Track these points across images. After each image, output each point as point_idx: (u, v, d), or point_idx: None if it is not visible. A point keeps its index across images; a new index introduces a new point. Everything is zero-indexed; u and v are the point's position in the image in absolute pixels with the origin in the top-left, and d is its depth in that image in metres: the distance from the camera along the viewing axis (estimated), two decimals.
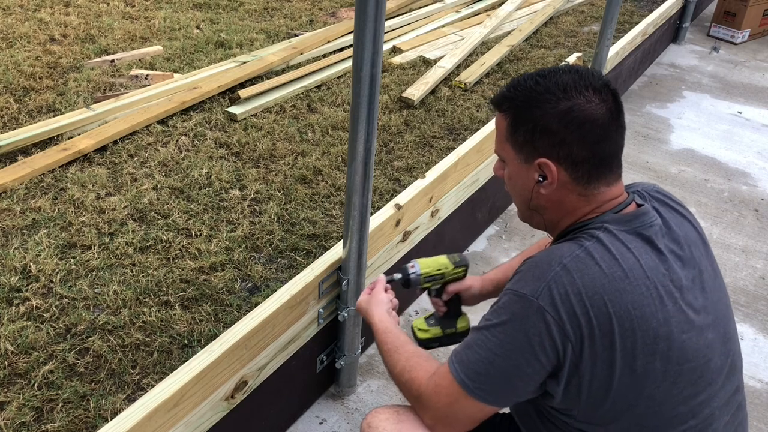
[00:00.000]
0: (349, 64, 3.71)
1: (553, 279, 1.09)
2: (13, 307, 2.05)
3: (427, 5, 4.80)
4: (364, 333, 2.02)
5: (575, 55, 3.26)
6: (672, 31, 4.84)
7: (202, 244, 2.35)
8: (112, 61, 3.63)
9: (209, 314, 2.08)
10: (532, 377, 1.12)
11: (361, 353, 2.15)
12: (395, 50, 4.09)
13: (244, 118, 3.20)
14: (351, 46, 3.16)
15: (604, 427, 1.15)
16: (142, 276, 2.19)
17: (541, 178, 1.20)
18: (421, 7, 4.75)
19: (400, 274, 1.55)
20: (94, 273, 2.20)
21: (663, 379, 1.10)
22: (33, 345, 1.93)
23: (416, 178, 2.28)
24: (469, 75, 3.74)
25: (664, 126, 3.80)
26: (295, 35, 4.14)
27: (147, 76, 3.50)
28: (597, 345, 1.08)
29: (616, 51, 3.63)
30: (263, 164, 2.86)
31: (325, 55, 3.93)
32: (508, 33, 4.42)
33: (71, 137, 2.92)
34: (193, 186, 2.67)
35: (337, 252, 1.82)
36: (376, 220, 1.97)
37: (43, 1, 4.37)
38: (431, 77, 3.64)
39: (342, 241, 1.77)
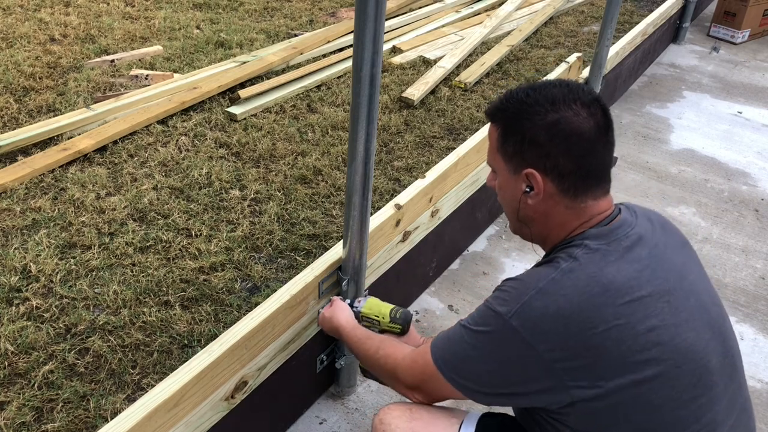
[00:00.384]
0: (349, 64, 3.71)
1: (527, 302, 1.13)
2: (13, 307, 2.05)
3: (427, 5, 4.80)
4: None
5: (575, 55, 3.26)
6: (672, 31, 4.84)
7: (202, 244, 2.35)
8: (112, 61, 3.63)
9: (209, 314, 2.09)
10: (500, 385, 1.17)
11: None
12: (395, 50, 4.10)
13: (244, 118, 3.20)
14: (351, 46, 3.15)
15: None
16: (142, 276, 2.19)
17: (528, 189, 1.23)
18: (421, 7, 4.75)
19: (351, 300, 1.73)
20: (94, 273, 2.20)
21: (660, 384, 1.10)
22: (33, 345, 1.93)
23: (416, 178, 2.28)
24: (469, 75, 3.74)
25: (664, 126, 3.80)
26: (295, 35, 4.14)
27: (147, 76, 3.50)
28: (580, 361, 1.09)
29: (616, 51, 3.63)
30: (263, 164, 2.86)
31: (325, 55, 3.93)
32: (508, 33, 4.43)
33: (71, 137, 2.92)
34: (193, 186, 2.67)
35: (337, 252, 1.82)
36: (376, 220, 1.97)
37: (43, 1, 4.37)
38: (431, 77, 3.64)
39: (342, 241, 1.77)
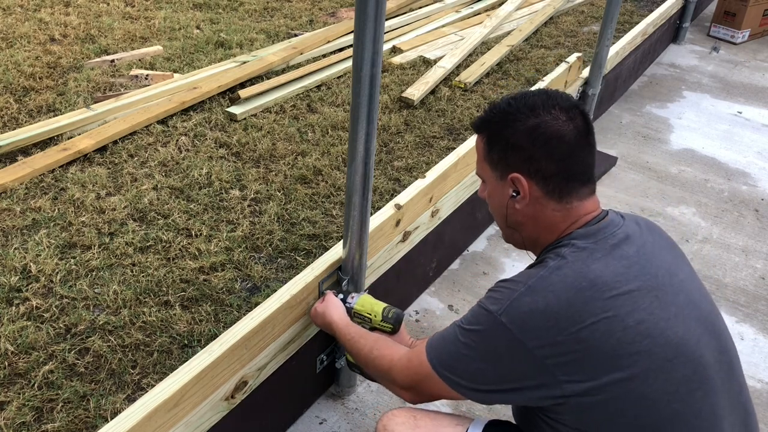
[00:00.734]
0: (349, 64, 3.71)
1: (517, 299, 1.16)
2: (13, 307, 2.05)
3: (427, 5, 4.80)
4: None
5: (575, 55, 3.26)
6: (672, 31, 4.84)
7: (202, 244, 2.35)
8: (112, 61, 3.63)
9: (209, 314, 2.09)
10: (493, 382, 1.19)
11: None
12: (395, 50, 4.09)
13: (244, 118, 3.20)
14: (351, 46, 3.15)
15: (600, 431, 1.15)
16: (142, 276, 2.19)
17: (515, 193, 1.28)
18: (421, 7, 4.75)
19: (343, 296, 1.73)
20: (94, 273, 2.20)
21: (653, 377, 1.11)
22: (33, 345, 1.93)
23: (416, 178, 2.28)
24: (469, 75, 3.74)
25: (664, 126, 3.80)
26: (295, 35, 4.14)
27: (147, 76, 3.50)
28: (571, 356, 1.11)
29: (616, 51, 3.63)
30: (263, 164, 2.86)
31: (325, 55, 3.93)
32: (508, 33, 4.43)
33: (71, 137, 2.92)
34: (193, 186, 2.67)
35: (337, 252, 1.82)
36: (376, 220, 1.97)
37: (43, 1, 4.37)
38: (431, 77, 3.64)
39: (342, 241, 1.77)
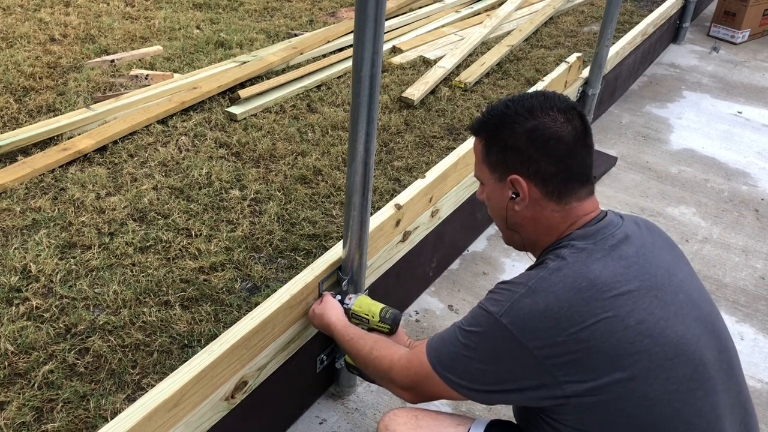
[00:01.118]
0: (349, 64, 3.71)
1: (517, 301, 1.16)
2: (13, 307, 2.05)
3: (427, 5, 4.80)
4: None
5: (575, 55, 3.26)
6: (672, 31, 4.84)
7: (202, 244, 2.35)
8: (112, 61, 3.63)
9: (209, 314, 2.09)
10: (494, 383, 1.19)
11: None
12: (395, 50, 4.09)
13: (244, 118, 3.20)
14: (351, 46, 3.15)
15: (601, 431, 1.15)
16: (142, 276, 2.19)
17: (514, 195, 1.28)
18: (421, 7, 4.75)
19: (341, 297, 1.74)
20: (94, 273, 2.20)
21: (654, 376, 1.11)
22: (33, 345, 1.93)
23: (416, 178, 2.28)
24: (469, 75, 3.74)
25: (664, 126, 3.80)
26: (295, 35, 4.14)
27: (147, 76, 3.50)
28: (571, 356, 1.11)
29: (616, 51, 3.63)
30: (263, 164, 2.86)
31: (325, 55, 3.93)
32: (508, 33, 4.43)
33: (71, 137, 2.92)
34: (193, 186, 2.67)
35: (337, 252, 1.82)
36: (376, 220, 1.97)
37: (43, 1, 4.37)
38: (431, 77, 3.64)
39: (342, 241, 1.77)
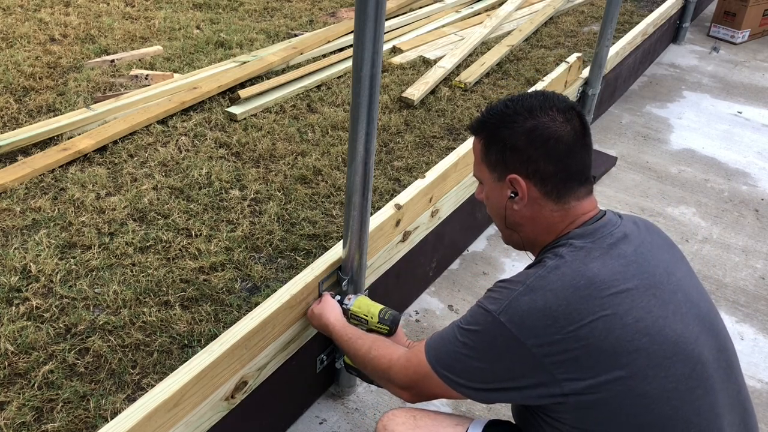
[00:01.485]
0: (349, 64, 3.71)
1: (515, 299, 1.16)
2: (13, 307, 2.05)
3: (427, 5, 4.80)
4: None
5: (575, 55, 3.26)
6: (672, 31, 4.84)
7: (202, 244, 2.35)
8: (112, 61, 3.63)
9: (209, 314, 2.09)
10: (492, 381, 1.19)
11: None
12: (395, 50, 4.09)
13: (244, 118, 3.20)
14: (351, 46, 3.15)
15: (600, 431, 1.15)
16: (142, 276, 2.19)
17: (513, 194, 1.28)
18: (421, 7, 4.75)
19: (340, 297, 1.74)
20: (94, 273, 2.20)
21: (653, 374, 1.11)
22: (33, 345, 1.93)
23: (416, 178, 2.28)
24: (469, 75, 3.74)
25: (664, 126, 3.80)
26: (295, 35, 4.14)
27: (147, 76, 3.50)
28: (569, 354, 1.11)
29: (616, 51, 3.63)
30: (263, 164, 2.86)
31: (325, 55, 3.93)
32: (508, 33, 4.43)
33: (71, 137, 2.92)
34: (193, 186, 2.67)
35: (337, 252, 1.82)
36: (376, 220, 1.97)
37: (43, 1, 4.37)
38: (431, 77, 3.64)
39: (342, 241, 1.77)
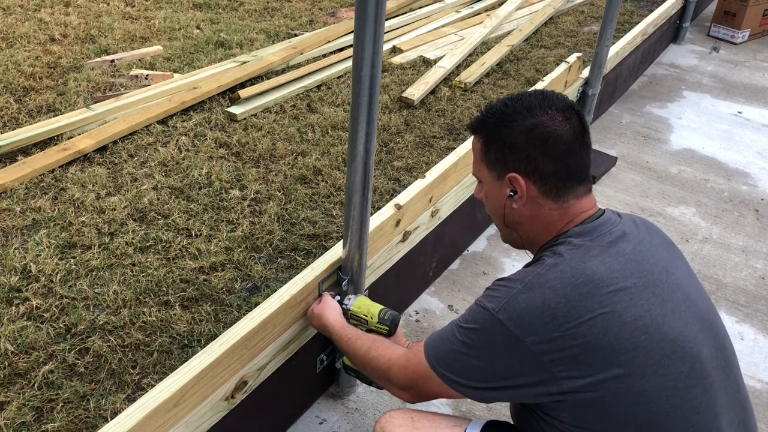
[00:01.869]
0: (349, 64, 3.71)
1: (514, 297, 1.17)
2: (13, 307, 2.05)
3: (427, 5, 4.80)
4: None
5: (575, 55, 3.26)
6: (672, 31, 4.84)
7: (202, 244, 2.35)
8: (112, 61, 3.63)
9: (209, 314, 2.09)
10: (491, 380, 1.19)
11: None
12: (395, 50, 4.09)
13: (244, 118, 3.20)
14: (351, 46, 3.15)
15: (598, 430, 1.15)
16: (142, 276, 2.19)
17: (512, 193, 1.29)
18: (421, 7, 4.75)
19: (340, 297, 1.74)
20: (94, 273, 2.20)
21: (652, 372, 1.11)
22: (33, 345, 1.93)
23: (416, 178, 2.28)
24: (469, 75, 3.74)
25: (664, 126, 3.80)
26: (295, 35, 4.14)
27: (147, 76, 3.50)
28: (568, 352, 1.11)
29: (616, 51, 3.63)
30: (263, 164, 2.86)
31: (325, 55, 3.93)
32: (508, 33, 4.43)
33: (71, 137, 2.92)
34: (193, 186, 2.67)
35: (337, 252, 1.82)
36: (376, 220, 1.97)
37: (43, 1, 4.37)
38: (431, 77, 3.64)
39: (342, 241, 1.77)
